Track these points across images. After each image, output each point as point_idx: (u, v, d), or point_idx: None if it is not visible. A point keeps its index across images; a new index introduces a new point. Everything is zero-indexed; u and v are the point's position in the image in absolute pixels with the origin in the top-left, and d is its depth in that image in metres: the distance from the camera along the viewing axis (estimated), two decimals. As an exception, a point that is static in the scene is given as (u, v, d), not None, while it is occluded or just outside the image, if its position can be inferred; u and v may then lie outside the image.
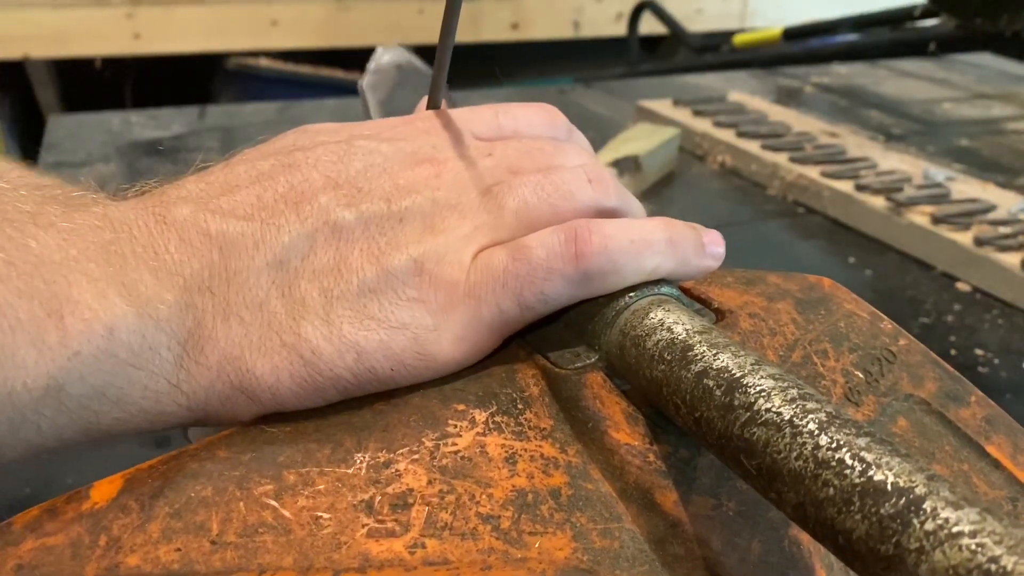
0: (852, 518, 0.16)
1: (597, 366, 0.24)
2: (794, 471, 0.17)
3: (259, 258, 0.23)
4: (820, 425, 0.18)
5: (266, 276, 0.23)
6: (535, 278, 0.24)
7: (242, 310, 0.22)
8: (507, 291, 0.24)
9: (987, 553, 0.14)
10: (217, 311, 0.22)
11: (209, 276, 0.22)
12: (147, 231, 0.22)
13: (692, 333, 0.22)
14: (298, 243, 0.23)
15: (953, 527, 0.15)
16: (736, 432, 0.19)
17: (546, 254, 0.24)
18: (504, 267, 0.24)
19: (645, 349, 0.23)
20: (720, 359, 0.21)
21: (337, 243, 0.23)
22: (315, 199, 0.24)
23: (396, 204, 0.24)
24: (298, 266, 0.23)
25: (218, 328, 0.22)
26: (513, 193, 0.26)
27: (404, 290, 0.24)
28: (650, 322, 0.23)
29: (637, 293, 0.25)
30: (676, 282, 0.27)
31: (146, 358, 0.21)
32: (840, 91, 1.02)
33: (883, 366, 0.27)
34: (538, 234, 0.25)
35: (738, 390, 0.19)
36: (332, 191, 0.24)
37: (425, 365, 0.24)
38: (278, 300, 0.23)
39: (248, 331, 0.22)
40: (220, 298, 0.22)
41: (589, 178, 0.27)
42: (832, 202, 0.69)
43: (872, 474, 0.16)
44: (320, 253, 0.23)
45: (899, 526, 0.15)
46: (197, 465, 0.21)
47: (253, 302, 0.23)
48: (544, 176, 0.26)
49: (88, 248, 0.20)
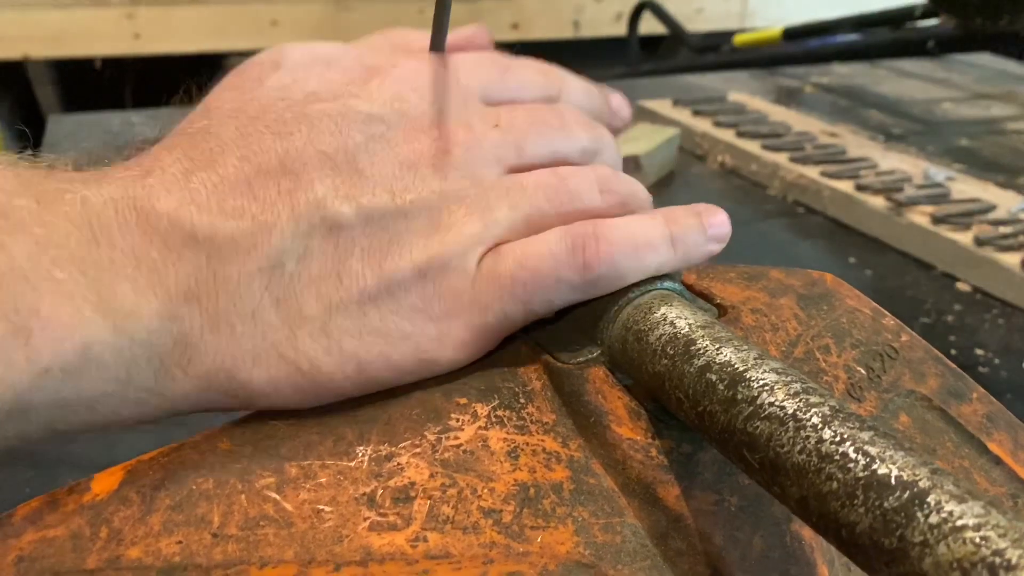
0: (856, 511, 0.16)
1: (599, 360, 0.24)
2: (797, 465, 0.17)
3: (250, 263, 0.21)
4: (824, 419, 0.18)
5: (258, 282, 0.21)
6: (543, 287, 0.24)
7: (233, 319, 0.21)
8: (514, 299, 0.24)
9: (992, 546, 0.14)
10: (205, 321, 0.21)
11: (196, 284, 0.20)
12: (127, 232, 0.20)
13: (695, 327, 0.22)
14: (293, 244, 0.21)
15: (957, 520, 0.15)
16: (739, 426, 0.19)
17: (554, 263, 0.24)
18: (512, 275, 0.24)
19: (648, 344, 0.23)
20: (723, 353, 0.21)
21: (336, 243, 0.22)
22: (311, 188, 0.22)
23: (400, 198, 0.23)
24: (293, 271, 0.21)
25: (206, 339, 0.21)
26: (528, 200, 0.25)
27: (406, 299, 0.23)
28: (653, 317, 0.23)
29: (640, 288, 0.25)
30: (679, 275, 0.27)
31: (123, 373, 0.20)
32: (840, 91, 1.02)
33: (885, 362, 0.27)
34: (545, 239, 0.24)
35: (741, 384, 0.19)
36: (330, 176, 0.22)
37: (427, 369, 0.23)
38: (272, 309, 0.21)
39: (240, 342, 0.21)
40: (208, 307, 0.21)
41: (600, 187, 0.26)
42: (832, 202, 0.69)
43: (876, 468, 0.16)
44: (317, 255, 0.22)
45: (903, 519, 0.15)
46: (198, 457, 0.21)
47: (245, 311, 0.21)
48: (560, 183, 0.25)
49: (61, 255, 0.19)
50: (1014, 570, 0.14)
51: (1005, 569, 0.14)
